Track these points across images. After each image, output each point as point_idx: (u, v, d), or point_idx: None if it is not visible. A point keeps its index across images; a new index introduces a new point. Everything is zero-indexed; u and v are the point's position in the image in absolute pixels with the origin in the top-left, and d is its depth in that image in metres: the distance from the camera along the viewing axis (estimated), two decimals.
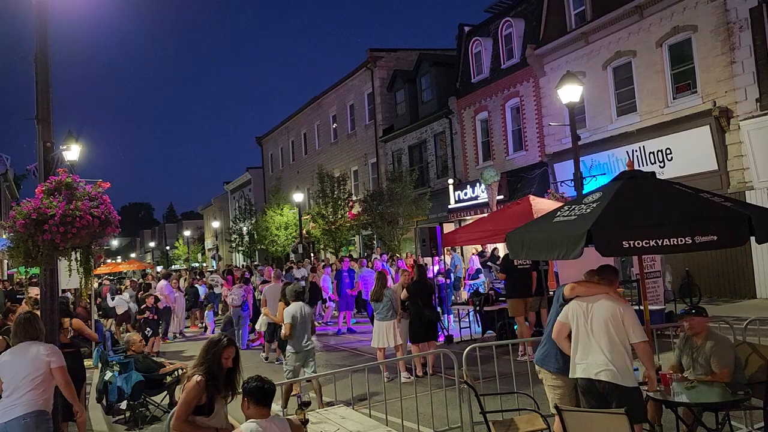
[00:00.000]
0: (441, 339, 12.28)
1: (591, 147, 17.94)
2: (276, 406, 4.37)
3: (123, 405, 8.70)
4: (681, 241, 4.52)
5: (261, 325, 12.70)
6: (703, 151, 15.19)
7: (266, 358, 12.70)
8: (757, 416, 5.91)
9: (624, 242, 4.60)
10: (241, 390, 4.24)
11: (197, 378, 4.21)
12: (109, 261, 49.79)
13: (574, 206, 5.39)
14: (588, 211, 5.02)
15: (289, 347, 8.28)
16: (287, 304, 8.57)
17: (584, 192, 10.23)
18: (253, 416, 3.96)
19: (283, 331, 8.37)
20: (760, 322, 7.34)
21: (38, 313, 5.89)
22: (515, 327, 11.69)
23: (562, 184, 18.55)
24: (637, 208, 4.94)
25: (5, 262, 28.17)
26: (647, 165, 16.23)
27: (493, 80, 23.29)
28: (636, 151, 16.81)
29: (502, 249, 17.11)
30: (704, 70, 15.43)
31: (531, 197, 12.20)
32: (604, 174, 17.39)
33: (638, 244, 4.57)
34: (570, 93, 13.55)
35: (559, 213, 5.49)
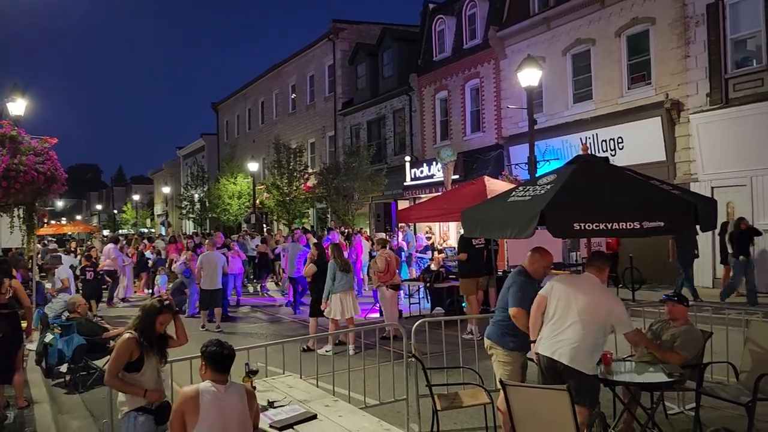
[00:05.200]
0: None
1: (546, 132, 18.20)
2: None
3: (63, 368, 8.51)
4: (629, 225, 4.62)
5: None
6: (653, 141, 15.59)
7: (203, 326, 12.72)
8: (689, 397, 6.19)
9: (575, 224, 4.67)
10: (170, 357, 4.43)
11: (127, 335, 4.42)
12: (53, 222, 48.21)
13: (528, 187, 5.45)
14: (542, 192, 5.08)
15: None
16: None
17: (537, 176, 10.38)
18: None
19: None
20: (697, 308, 7.63)
21: None
22: (463, 305, 11.86)
23: (517, 166, 18.81)
24: (589, 191, 5.02)
25: None
26: (599, 152, 16.54)
27: (455, 60, 23.30)
28: (589, 138, 17.09)
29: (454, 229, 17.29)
30: (659, 62, 15.77)
31: (486, 178, 12.35)
32: (558, 159, 17.69)
33: (588, 226, 4.66)
34: (529, 77, 13.69)
35: (513, 193, 5.54)
